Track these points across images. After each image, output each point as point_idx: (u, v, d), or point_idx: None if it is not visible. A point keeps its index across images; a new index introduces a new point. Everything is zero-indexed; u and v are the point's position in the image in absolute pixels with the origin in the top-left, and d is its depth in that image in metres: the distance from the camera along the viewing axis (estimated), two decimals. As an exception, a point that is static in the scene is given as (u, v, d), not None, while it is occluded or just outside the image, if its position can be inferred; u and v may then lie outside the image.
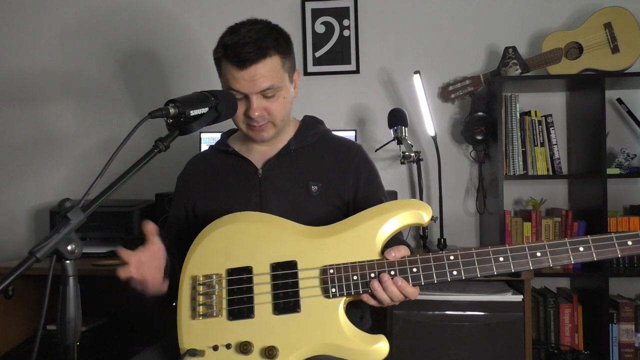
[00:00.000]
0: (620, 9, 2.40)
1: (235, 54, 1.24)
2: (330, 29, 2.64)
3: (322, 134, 1.43)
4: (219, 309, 1.14)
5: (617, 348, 2.26)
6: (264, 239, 1.18)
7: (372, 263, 1.12)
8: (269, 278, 1.14)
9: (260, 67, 1.25)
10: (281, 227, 1.20)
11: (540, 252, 1.07)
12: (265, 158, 1.38)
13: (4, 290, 0.78)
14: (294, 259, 1.15)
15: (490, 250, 1.09)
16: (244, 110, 1.29)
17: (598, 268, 2.28)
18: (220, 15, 2.66)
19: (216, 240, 1.20)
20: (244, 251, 1.17)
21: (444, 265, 1.09)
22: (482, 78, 2.48)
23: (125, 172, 0.96)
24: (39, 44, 2.78)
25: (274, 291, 1.14)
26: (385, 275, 1.09)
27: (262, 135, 1.33)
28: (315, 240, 1.16)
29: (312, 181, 1.34)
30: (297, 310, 1.12)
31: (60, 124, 2.77)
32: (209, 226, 1.23)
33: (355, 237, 1.15)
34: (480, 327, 1.79)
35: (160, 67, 2.73)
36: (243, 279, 1.15)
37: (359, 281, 1.11)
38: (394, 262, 1.11)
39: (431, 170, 2.56)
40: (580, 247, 1.06)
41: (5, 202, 2.79)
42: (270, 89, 1.28)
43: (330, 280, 1.12)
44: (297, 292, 1.12)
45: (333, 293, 1.11)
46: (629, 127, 2.53)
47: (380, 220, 1.14)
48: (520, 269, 1.07)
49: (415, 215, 1.15)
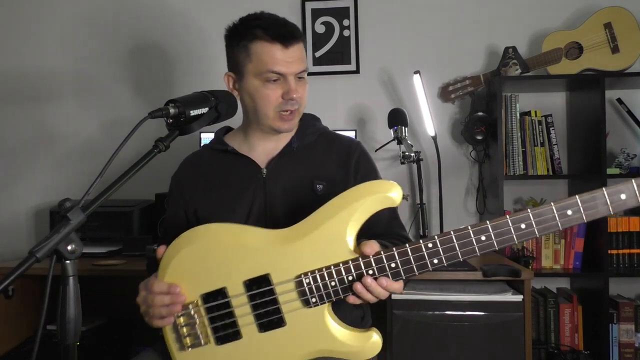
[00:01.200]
0: (620, 9, 2.40)
1: (278, 31, 1.26)
2: (330, 29, 2.64)
3: (321, 132, 1.43)
4: (205, 336, 1.11)
5: (617, 348, 2.26)
6: (231, 254, 1.11)
7: (347, 265, 1.05)
8: (246, 298, 1.09)
9: (299, 48, 1.29)
10: (245, 238, 1.12)
11: (525, 224, 0.97)
12: (268, 157, 1.36)
13: (4, 290, 0.78)
14: (266, 273, 1.09)
15: (470, 231, 0.99)
16: (281, 94, 1.28)
17: (598, 268, 2.28)
18: (220, 15, 2.65)
19: (182, 264, 1.13)
20: (213, 272, 1.11)
21: (423, 255, 1.02)
22: (482, 78, 2.48)
23: (125, 172, 0.96)
24: (39, 43, 2.78)
25: (255, 311, 1.09)
26: (367, 278, 1.03)
27: (289, 124, 1.32)
28: (284, 247, 1.09)
29: (316, 179, 1.33)
30: (283, 325, 1.09)
31: (60, 124, 2.77)
32: (171, 248, 1.15)
33: (324, 237, 1.07)
34: (480, 327, 1.79)
35: (162, 66, 2.73)
36: (221, 304, 1.10)
37: (338, 287, 1.06)
38: (370, 260, 1.04)
39: (431, 170, 2.56)
40: (568, 210, 0.95)
41: (5, 202, 2.79)
42: (305, 71, 1.31)
43: (309, 290, 1.06)
44: (278, 308, 1.08)
45: (314, 303, 1.07)
46: (629, 127, 2.53)
47: (346, 215, 1.06)
48: (505, 244, 0.99)
49: (382, 200, 1.05)
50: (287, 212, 1.30)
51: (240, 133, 1.43)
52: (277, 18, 1.31)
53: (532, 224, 0.97)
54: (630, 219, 2.35)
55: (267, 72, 1.26)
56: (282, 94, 1.28)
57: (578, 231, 2.37)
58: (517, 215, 0.97)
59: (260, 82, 1.28)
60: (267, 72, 1.26)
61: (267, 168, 1.35)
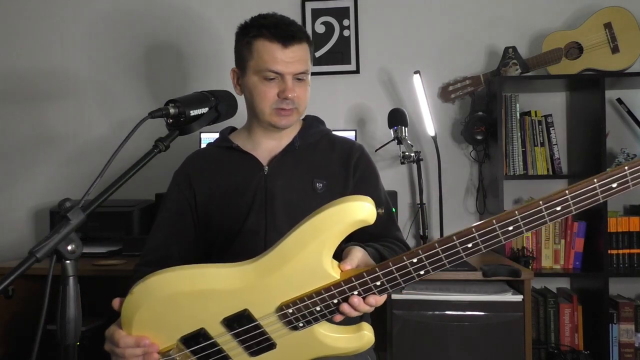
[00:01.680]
0: (620, 9, 2.41)
1: (279, 31, 1.28)
2: (330, 29, 2.64)
3: (324, 134, 1.45)
4: None
5: (617, 348, 2.26)
6: (198, 300, 1.01)
7: (330, 292, 0.98)
8: (230, 336, 1.03)
9: (301, 49, 1.30)
10: (210, 282, 1.01)
11: (513, 226, 0.91)
12: (270, 155, 1.38)
13: (4, 290, 0.78)
14: (244, 308, 1.00)
15: (456, 242, 0.93)
16: (277, 92, 1.30)
17: (598, 268, 2.28)
18: (221, 14, 2.66)
19: (147, 319, 1.02)
20: (185, 318, 1.02)
21: (409, 272, 0.96)
22: (482, 78, 2.48)
23: (125, 172, 0.96)
24: (39, 43, 2.78)
25: (243, 345, 1.04)
26: (354, 298, 0.98)
27: (286, 121, 1.33)
28: (256, 281, 1.00)
29: (316, 178, 1.35)
30: (274, 348, 1.05)
31: (60, 124, 2.77)
32: (128, 304, 1.03)
33: (299, 269, 0.98)
34: (480, 327, 1.79)
35: (162, 66, 2.73)
36: (205, 345, 1.03)
37: (324, 311, 1.00)
38: (355, 284, 0.98)
39: (431, 170, 2.56)
40: (557, 207, 0.89)
41: (5, 202, 2.79)
42: (305, 72, 1.32)
43: (295, 319, 1.01)
44: (266, 337, 1.03)
45: (302, 326, 1.02)
46: (629, 127, 2.53)
47: (317, 247, 0.97)
48: (493, 247, 0.94)
49: (353, 224, 0.97)
50: (286, 208, 1.32)
51: (244, 131, 1.45)
52: (284, 18, 1.33)
53: (520, 226, 0.91)
54: (630, 219, 2.35)
55: (266, 70, 1.29)
56: (278, 93, 1.30)
57: (578, 231, 2.37)
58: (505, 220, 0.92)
59: (258, 79, 1.31)
60: (266, 70, 1.29)
61: (269, 166, 1.37)
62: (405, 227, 2.55)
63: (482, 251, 0.95)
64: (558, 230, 2.39)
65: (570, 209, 0.90)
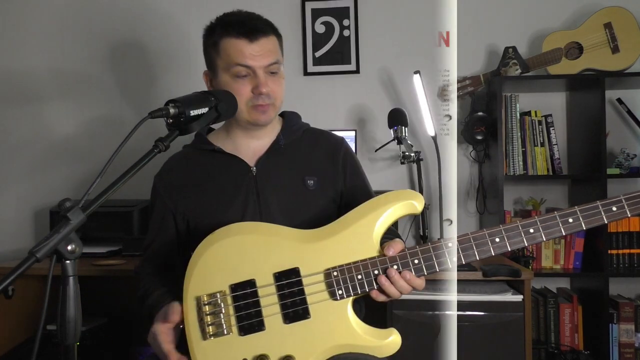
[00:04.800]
0: (620, 9, 2.40)
1: (244, 27, 1.27)
2: (330, 29, 2.64)
3: (304, 128, 1.44)
4: (228, 326, 1.12)
5: (617, 348, 2.26)
6: (262, 249, 1.16)
7: (374, 260, 1.12)
8: (274, 289, 1.13)
9: (268, 42, 1.29)
10: (277, 235, 1.17)
11: (533, 229, 1.10)
12: (256, 155, 1.36)
13: (4, 290, 0.78)
14: (296, 266, 1.13)
15: (486, 233, 1.11)
16: (251, 88, 1.28)
17: (598, 268, 2.28)
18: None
19: (214, 257, 1.16)
20: (244, 265, 1.15)
21: (443, 253, 1.11)
22: (482, 78, 2.48)
23: (125, 172, 0.96)
24: (38, 43, 2.78)
25: (281, 301, 1.12)
26: (392, 270, 1.10)
27: (265, 117, 1.31)
28: (313, 244, 1.15)
29: (307, 175, 1.34)
30: (308, 317, 1.11)
31: (60, 124, 2.77)
32: (203, 243, 1.18)
33: (352, 236, 1.14)
34: (480, 327, 1.79)
35: (162, 66, 2.73)
36: (248, 293, 1.13)
37: (363, 280, 1.11)
38: (395, 256, 1.12)
39: (431, 170, 2.56)
40: (569, 218, 1.10)
41: (5, 202, 2.79)
42: (276, 63, 1.30)
43: (336, 283, 1.11)
44: (304, 299, 1.12)
45: (340, 295, 1.11)
46: (629, 127, 2.53)
47: (375, 216, 1.14)
48: (517, 246, 1.12)
49: (408, 206, 1.15)
50: (281, 209, 1.31)
51: (222, 132, 1.41)
52: (249, 14, 1.32)
53: (539, 229, 1.10)
54: (630, 219, 2.35)
55: (235, 65, 1.27)
56: (252, 89, 1.29)
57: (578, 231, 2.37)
58: (527, 220, 1.11)
59: (230, 77, 1.29)
60: (235, 65, 1.27)
61: (257, 166, 1.34)
62: (405, 227, 2.55)
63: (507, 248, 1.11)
64: (558, 230, 2.39)
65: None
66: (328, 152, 1.39)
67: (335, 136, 1.46)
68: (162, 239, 1.38)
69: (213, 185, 1.34)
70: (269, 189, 1.32)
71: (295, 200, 1.32)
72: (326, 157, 1.38)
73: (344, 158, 1.39)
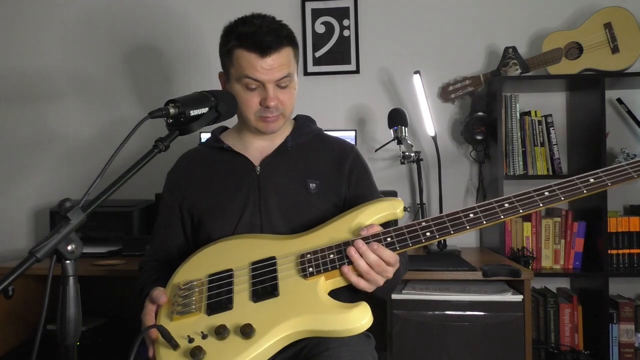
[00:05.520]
0: (620, 9, 2.41)
1: (256, 42, 1.26)
2: (330, 29, 2.64)
3: (315, 133, 1.45)
4: (198, 306, 1.13)
5: (617, 348, 2.26)
6: (245, 248, 1.23)
7: (347, 242, 1.15)
8: (248, 271, 1.18)
9: (280, 56, 1.29)
10: (262, 238, 1.26)
11: (508, 203, 1.14)
12: (262, 155, 1.39)
13: (4, 290, 0.78)
14: (272, 255, 1.19)
15: (459, 210, 1.15)
16: (259, 101, 1.30)
17: (598, 268, 2.28)
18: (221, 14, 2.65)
19: (200, 258, 1.25)
20: (225, 260, 1.21)
21: (416, 229, 1.14)
22: (482, 78, 2.48)
23: (125, 172, 0.96)
24: (38, 43, 2.79)
25: (253, 281, 1.15)
26: (359, 241, 1.12)
27: (273, 126, 1.34)
28: (293, 239, 1.22)
29: (309, 178, 1.35)
30: (276, 294, 1.11)
31: (60, 124, 2.77)
32: (200, 249, 1.29)
33: (331, 231, 1.20)
34: (480, 327, 1.79)
35: (162, 66, 2.73)
36: (223, 278, 1.18)
37: (335, 257, 1.14)
38: (368, 236, 1.14)
39: (431, 170, 2.56)
40: (545, 192, 1.14)
41: (5, 202, 2.79)
42: (287, 77, 1.31)
43: (307, 261, 1.15)
44: (275, 277, 1.14)
45: (310, 272, 1.13)
46: (629, 127, 2.53)
47: (354, 215, 1.21)
48: (493, 223, 1.13)
49: (387, 217, 1.21)
50: (281, 208, 1.32)
51: (235, 131, 1.46)
52: (261, 26, 1.29)
53: (514, 202, 1.14)
54: (630, 219, 2.35)
55: (245, 77, 1.29)
56: (260, 101, 1.31)
57: (578, 231, 2.37)
58: (501, 198, 1.15)
59: (241, 87, 1.31)
60: (245, 77, 1.29)
61: (261, 166, 1.37)
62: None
63: (482, 222, 1.13)
64: (558, 230, 2.39)
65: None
66: (335, 158, 1.40)
67: (346, 143, 1.46)
68: (167, 233, 1.42)
69: (218, 181, 1.38)
70: (270, 189, 1.34)
71: (295, 201, 1.33)
72: (332, 162, 1.39)
73: (351, 165, 1.39)
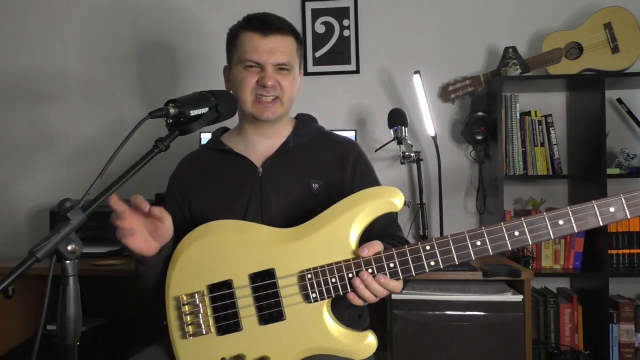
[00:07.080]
0: (620, 9, 2.41)
1: (260, 21, 1.31)
2: (330, 29, 2.64)
3: (317, 131, 1.44)
4: (207, 326, 1.16)
5: (617, 348, 2.26)
6: (240, 248, 1.17)
7: (348, 263, 1.10)
8: (250, 290, 1.15)
9: (281, 40, 1.32)
10: (255, 234, 1.19)
11: (519, 231, 1.02)
12: (264, 156, 1.38)
13: (4, 290, 0.78)
14: (271, 267, 1.14)
15: (466, 235, 1.05)
16: (257, 79, 1.31)
17: (598, 268, 2.28)
18: (221, 13, 2.66)
19: (193, 256, 1.20)
20: (221, 265, 1.17)
21: (420, 257, 1.07)
22: (482, 78, 2.48)
23: (125, 172, 0.96)
24: (39, 43, 2.78)
25: (257, 303, 1.14)
26: (364, 273, 1.08)
27: (268, 112, 1.33)
28: (289, 244, 1.15)
29: (312, 179, 1.34)
30: (282, 319, 1.13)
31: (60, 124, 2.77)
32: (183, 242, 1.22)
33: (328, 237, 1.13)
34: (480, 327, 1.79)
35: (163, 66, 2.73)
36: (225, 294, 1.16)
37: (337, 283, 1.10)
38: (370, 259, 1.09)
39: (431, 170, 2.56)
40: (559, 220, 1.00)
41: (5, 202, 2.79)
42: (286, 64, 1.33)
43: (310, 285, 1.12)
44: (279, 301, 1.13)
45: (314, 298, 1.12)
46: (629, 127, 2.53)
47: (351, 216, 1.12)
48: (500, 250, 1.04)
49: (386, 204, 1.12)
50: (283, 210, 1.31)
51: (235, 132, 1.45)
52: (269, 14, 1.35)
53: (525, 232, 1.02)
54: (630, 219, 2.35)
55: (245, 59, 1.31)
56: (257, 80, 1.32)
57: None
58: (511, 223, 1.03)
59: (241, 68, 1.33)
60: (245, 59, 1.31)
61: (263, 167, 1.36)
62: (405, 227, 2.55)
63: (489, 253, 1.04)
64: (558, 230, 2.39)
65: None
66: (337, 156, 1.39)
67: (347, 140, 1.45)
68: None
69: (220, 184, 1.37)
70: (272, 190, 1.33)
71: (297, 202, 1.32)
72: (335, 161, 1.38)
73: (354, 162, 1.38)
